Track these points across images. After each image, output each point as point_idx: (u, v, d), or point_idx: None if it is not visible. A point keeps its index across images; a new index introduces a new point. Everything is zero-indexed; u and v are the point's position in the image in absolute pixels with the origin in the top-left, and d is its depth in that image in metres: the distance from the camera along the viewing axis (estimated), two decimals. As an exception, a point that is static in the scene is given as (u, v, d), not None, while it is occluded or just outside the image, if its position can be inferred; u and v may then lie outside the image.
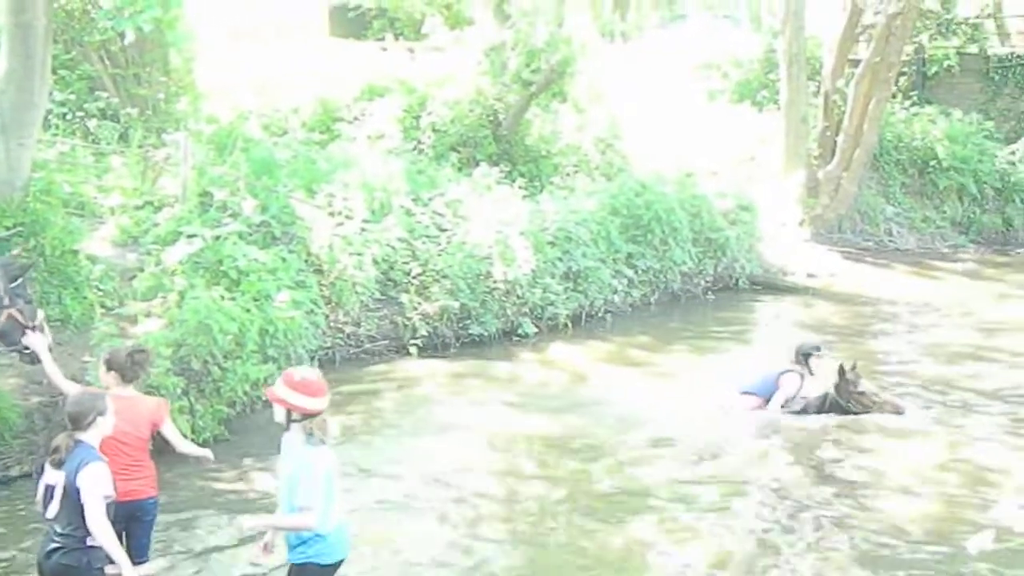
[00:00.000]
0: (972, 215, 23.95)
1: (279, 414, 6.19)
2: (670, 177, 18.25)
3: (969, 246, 23.14)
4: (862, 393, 10.95)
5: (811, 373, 11.33)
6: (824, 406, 11.02)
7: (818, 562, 7.84)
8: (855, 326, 16.21)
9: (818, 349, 11.59)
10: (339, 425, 6.40)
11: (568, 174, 18.96)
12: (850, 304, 17.52)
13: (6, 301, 7.78)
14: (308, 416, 6.11)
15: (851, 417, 10.87)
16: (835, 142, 22.06)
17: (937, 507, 8.83)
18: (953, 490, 9.23)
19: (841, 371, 11.01)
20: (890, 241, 22.48)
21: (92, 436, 5.88)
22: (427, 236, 14.37)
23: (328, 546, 6.23)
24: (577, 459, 10.01)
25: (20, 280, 8.04)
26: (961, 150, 23.85)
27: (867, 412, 10.87)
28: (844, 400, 10.94)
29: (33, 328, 7.83)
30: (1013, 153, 24.82)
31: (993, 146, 24.46)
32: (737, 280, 18.07)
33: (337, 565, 6.20)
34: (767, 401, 11.19)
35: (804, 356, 11.40)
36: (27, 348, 7.84)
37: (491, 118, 19.26)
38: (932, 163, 23.68)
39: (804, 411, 11.05)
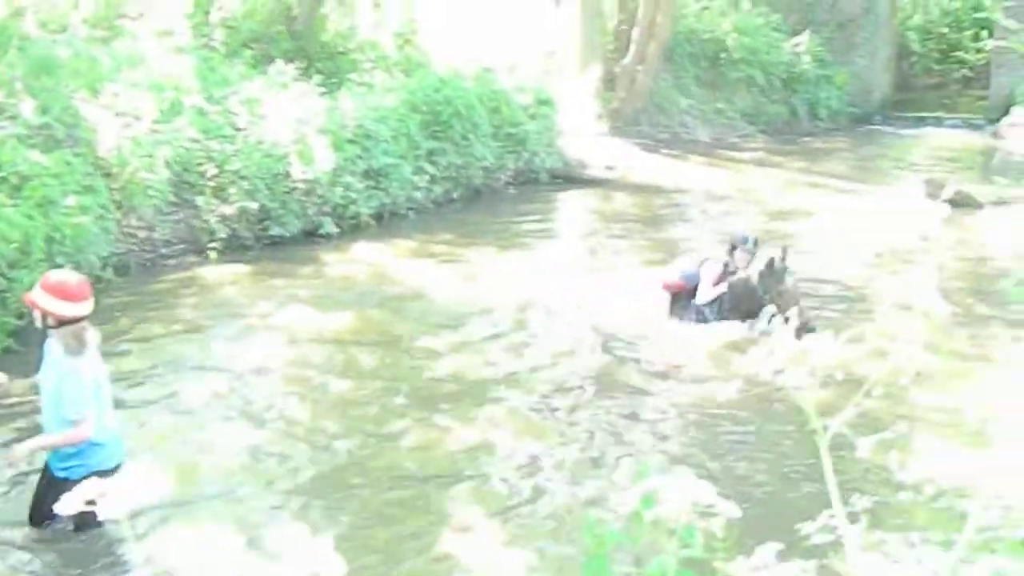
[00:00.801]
0: (761, 105, 24.83)
1: (38, 320, 5.94)
2: (469, 72, 18.19)
3: (758, 136, 24.01)
4: (782, 292, 9.93)
5: (736, 266, 10.54)
6: (741, 295, 10.25)
7: (661, 453, 8.11)
8: (652, 216, 16.71)
9: (745, 241, 10.71)
10: (99, 335, 6.02)
11: (366, 71, 18.66)
12: (647, 194, 18.00)
13: None
14: (64, 323, 5.84)
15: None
16: (630, 36, 22.38)
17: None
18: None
19: (770, 263, 10.03)
20: (684, 132, 23.10)
21: None
22: (222, 136, 13.93)
23: (107, 453, 6.12)
24: (384, 353, 10.07)
25: None
26: (750, 42, 24.60)
27: (782, 312, 9.80)
28: (762, 292, 10.07)
29: None
30: (798, 45, 25.75)
31: (780, 38, 25.32)
32: (538, 174, 18.28)
33: (115, 471, 6.07)
34: (695, 290, 10.61)
35: (731, 247, 10.70)
36: None
37: (285, 14, 18.72)
38: (723, 55, 24.36)
39: (719, 301, 10.41)
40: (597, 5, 22.05)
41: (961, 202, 16.55)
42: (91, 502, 1.16)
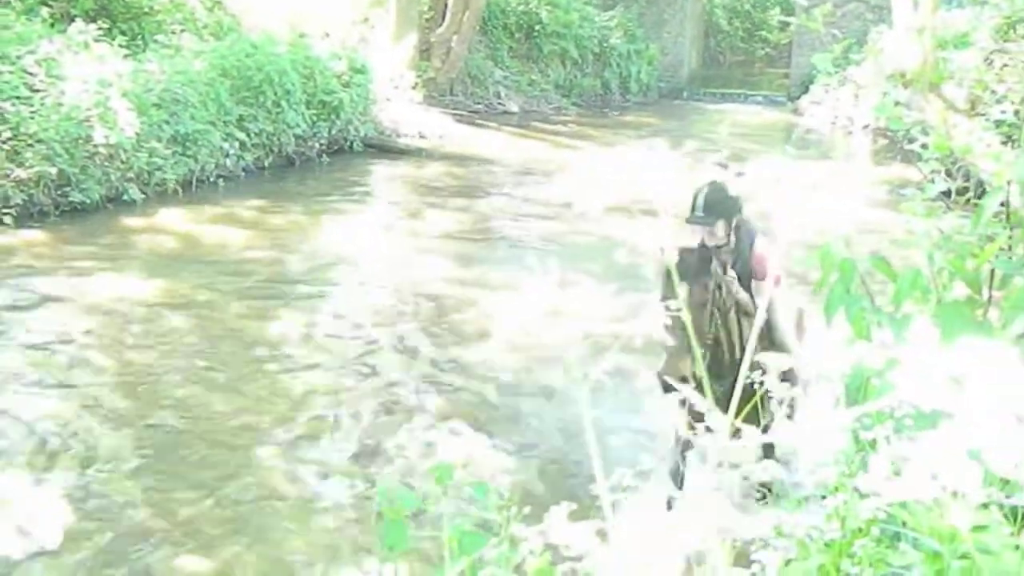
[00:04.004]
0: (574, 78, 25.26)
1: None
2: (282, 38, 17.89)
3: (571, 108, 24.44)
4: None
5: None
6: None
7: (459, 414, 8.21)
8: (465, 185, 16.83)
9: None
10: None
11: (174, 32, 18.07)
12: (460, 164, 18.13)
13: None
14: None
15: None
16: (446, 5, 22.40)
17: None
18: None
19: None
20: (499, 103, 23.33)
21: None
22: (17, 97, 13.29)
23: None
24: (190, 320, 9.88)
25: None
26: (563, 15, 24.96)
27: None
28: None
29: None
30: (611, 19, 26.27)
31: (592, 11, 25.77)
32: (352, 143, 18.18)
33: None
34: None
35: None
36: None
37: (86, -30, 17.96)
38: (537, 27, 24.65)
39: None
40: (412, -27, 21.97)
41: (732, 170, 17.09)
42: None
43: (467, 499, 2.28)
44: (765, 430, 1.58)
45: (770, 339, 5.48)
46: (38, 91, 13.53)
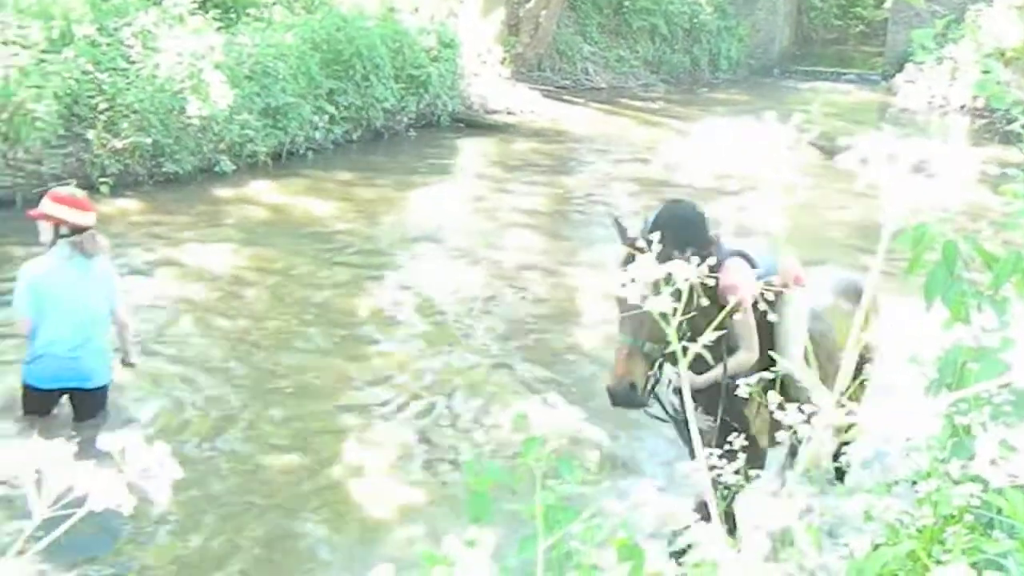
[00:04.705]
0: (663, 55, 25.03)
1: (46, 233, 6.38)
2: (372, 12, 17.99)
3: (659, 85, 24.23)
4: None
5: None
6: None
7: (550, 389, 8.24)
8: (551, 161, 16.80)
9: None
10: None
11: (266, 5, 18.27)
12: (548, 141, 18.10)
13: None
14: (77, 231, 6.32)
15: None
16: (535, -20, 22.34)
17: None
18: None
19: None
20: (586, 79, 23.22)
21: None
22: (114, 69, 13.57)
23: (35, 369, 6.33)
24: (279, 289, 10.03)
25: None
26: (653, -9, 24.74)
27: None
28: None
29: None
30: (701, -6, 25.98)
31: (682, -13, 25.50)
32: (439, 117, 18.24)
33: (48, 393, 6.29)
34: None
35: None
36: None
37: (182, -56, 18.22)
38: (626, 3, 24.45)
39: None
40: (502, -52, 21.93)
41: (830, 150, 16.69)
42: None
43: (554, 473, 2.28)
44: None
45: (730, 347, 4.92)
46: (134, 63, 13.79)
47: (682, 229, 4.66)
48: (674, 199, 5.08)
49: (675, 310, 1.57)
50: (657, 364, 4.70)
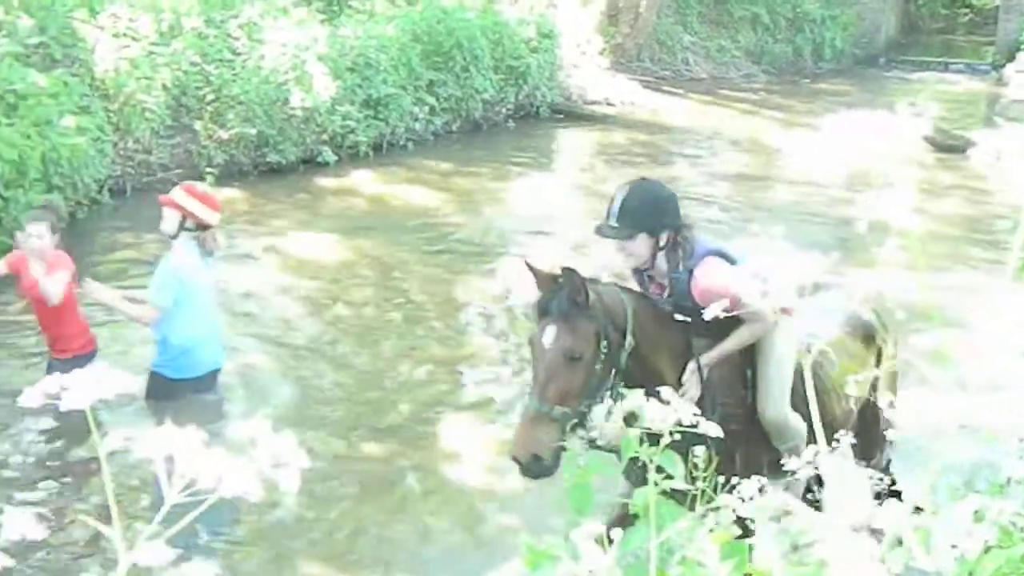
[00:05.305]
0: (765, 44, 24.65)
1: (171, 223, 6.49)
2: (472, 3, 18.05)
3: (761, 75, 23.88)
4: None
5: None
6: None
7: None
8: (651, 152, 16.68)
9: None
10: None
11: (367, -2, 18.48)
12: (648, 132, 17.96)
13: None
14: (202, 227, 6.52)
15: None
16: (635, -30, 22.18)
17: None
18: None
19: None
20: (686, 70, 22.98)
21: None
22: (220, 60, 13.84)
23: (174, 360, 6.44)
24: (380, 279, 10.13)
25: None
26: (756, -20, 24.39)
27: None
28: None
29: None
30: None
31: (786, -24, 25.08)
32: (538, 108, 18.23)
33: (186, 383, 6.39)
34: None
35: None
36: None
37: (286, -62, 18.48)
38: (728, -8, 24.17)
39: None
40: (602, -62, 21.81)
41: (947, 145, 16.01)
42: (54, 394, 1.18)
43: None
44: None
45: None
46: (240, 54, 14.04)
47: (655, 210, 4.38)
48: (642, 177, 4.76)
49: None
50: (569, 428, 4.05)
